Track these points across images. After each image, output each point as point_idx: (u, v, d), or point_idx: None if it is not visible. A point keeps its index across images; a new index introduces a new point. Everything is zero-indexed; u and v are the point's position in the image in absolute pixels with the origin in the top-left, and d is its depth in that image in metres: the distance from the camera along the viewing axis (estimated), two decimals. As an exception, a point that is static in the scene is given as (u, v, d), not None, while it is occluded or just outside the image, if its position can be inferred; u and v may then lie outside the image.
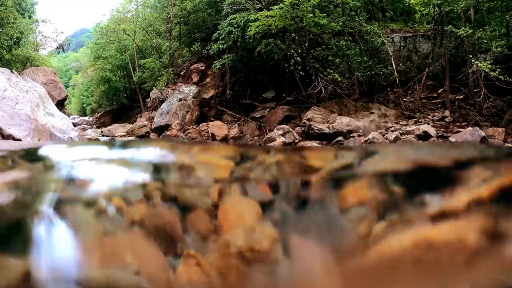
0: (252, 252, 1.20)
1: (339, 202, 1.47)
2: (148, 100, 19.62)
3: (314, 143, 11.14)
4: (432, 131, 10.71)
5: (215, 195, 1.53)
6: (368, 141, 10.56)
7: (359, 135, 11.19)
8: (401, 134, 10.96)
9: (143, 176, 2.00)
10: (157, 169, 2.12)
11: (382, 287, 1.08)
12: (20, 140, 8.85)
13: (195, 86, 17.13)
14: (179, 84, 17.59)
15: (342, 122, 11.83)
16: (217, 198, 1.50)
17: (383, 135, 11.08)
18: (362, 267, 1.17)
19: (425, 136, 10.50)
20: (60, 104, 17.52)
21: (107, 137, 15.02)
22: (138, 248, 1.23)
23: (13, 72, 11.58)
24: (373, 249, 1.23)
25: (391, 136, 10.85)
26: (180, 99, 16.24)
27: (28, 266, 1.07)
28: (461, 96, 12.74)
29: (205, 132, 14.13)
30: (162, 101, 17.20)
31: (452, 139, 10.16)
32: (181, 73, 18.55)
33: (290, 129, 12.27)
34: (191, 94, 16.54)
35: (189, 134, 13.73)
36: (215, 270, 1.15)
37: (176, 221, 1.34)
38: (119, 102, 27.80)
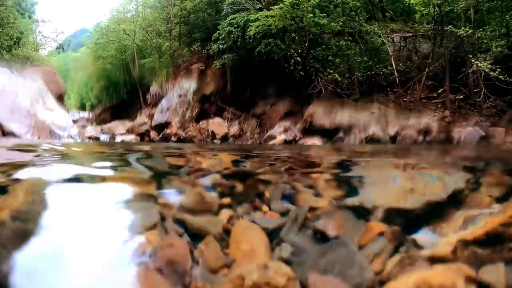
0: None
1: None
2: (148, 95, 19.54)
3: (315, 141, 11.13)
4: (433, 125, 10.64)
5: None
6: (369, 137, 10.55)
7: (359, 131, 11.17)
8: (401, 129, 10.90)
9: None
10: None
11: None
12: (20, 136, 8.85)
13: (195, 81, 17.01)
14: (179, 79, 17.50)
15: (343, 118, 11.80)
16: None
17: (383, 131, 11.06)
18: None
19: (425, 131, 10.46)
20: (59, 101, 17.48)
21: (107, 135, 14.99)
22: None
23: (13, 72, 11.58)
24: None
25: (392, 131, 10.81)
26: (180, 96, 16.17)
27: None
28: (461, 96, 12.74)
29: (205, 130, 14.10)
30: (162, 97, 17.12)
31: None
32: (181, 73, 18.53)
33: (291, 126, 12.26)
34: (191, 89, 16.44)
35: (189, 133, 13.71)
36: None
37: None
38: (119, 97, 27.65)
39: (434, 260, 1.27)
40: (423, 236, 1.52)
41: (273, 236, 1.48)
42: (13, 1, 22.39)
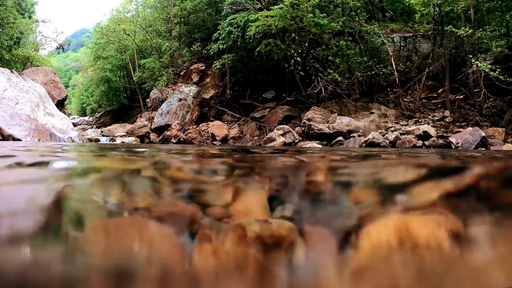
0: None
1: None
2: (148, 100, 19.62)
3: (314, 144, 11.13)
4: (432, 131, 10.71)
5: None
6: (368, 141, 10.56)
7: (359, 135, 11.19)
8: (401, 134, 10.96)
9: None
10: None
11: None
12: (20, 140, 8.87)
13: (195, 86, 17.13)
14: (179, 84, 17.59)
15: (342, 122, 11.83)
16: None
17: (383, 135, 11.08)
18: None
19: (425, 136, 10.51)
20: (60, 104, 17.51)
21: (107, 137, 15.01)
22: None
23: (13, 72, 11.59)
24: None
25: (391, 136, 10.85)
26: (180, 99, 16.24)
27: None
28: (461, 96, 12.74)
29: (205, 132, 14.12)
30: (162, 101, 17.20)
31: (452, 139, 10.15)
32: (181, 73, 18.55)
33: (290, 129, 12.27)
34: (191, 94, 16.54)
35: (189, 134, 13.72)
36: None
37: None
38: (119, 102, 27.82)
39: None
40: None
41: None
42: (13, 1, 22.41)
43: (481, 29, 11.74)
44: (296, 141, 11.82)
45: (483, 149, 9.37)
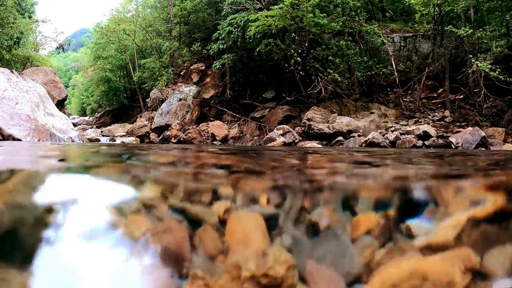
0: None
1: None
2: (148, 100, 19.63)
3: (314, 143, 11.14)
4: (432, 131, 10.71)
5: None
6: (368, 141, 10.56)
7: (359, 135, 11.19)
8: (401, 134, 10.96)
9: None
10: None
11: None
12: (20, 140, 8.87)
13: (195, 86, 17.13)
14: (179, 84, 17.60)
15: (342, 122, 11.83)
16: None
17: (383, 135, 11.08)
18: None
19: (425, 136, 10.51)
20: (60, 104, 17.50)
21: (107, 137, 15.00)
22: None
23: (13, 72, 11.59)
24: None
25: (391, 136, 10.85)
26: (180, 99, 16.25)
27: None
28: (461, 96, 12.75)
29: (205, 132, 14.12)
30: (162, 101, 17.20)
31: (452, 139, 10.15)
32: (181, 73, 18.55)
33: (290, 129, 12.27)
34: (191, 94, 16.54)
35: (189, 134, 13.72)
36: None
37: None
38: (119, 102, 27.83)
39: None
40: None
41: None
42: (13, 1, 22.40)
43: (481, 29, 11.75)
44: (296, 141, 11.82)
45: (483, 149, 9.37)
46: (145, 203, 1.28)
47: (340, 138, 11.39)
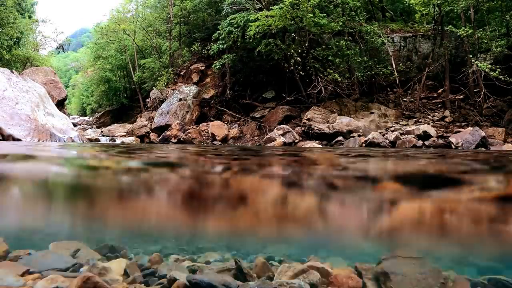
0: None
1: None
2: (148, 100, 19.62)
3: (314, 143, 11.13)
4: (432, 131, 10.71)
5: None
6: (368, 141, 10.56)
7: (359, 135, 11.18)
8: (401, 134, 10.96)
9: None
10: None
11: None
12: (20, 140, 8.87)
13: (195, 86, 17.13)
14: (179, 84, 17.59)
15: (342, 122, 11.83)
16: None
17: (383, 135, 11.08)
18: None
19: (425, 136, 10.51)
20: (60, 104, 17.50)
21: (107, 137, 15.00)
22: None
23: (13, 72, 11.59)
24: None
25: (391, 136, 10.85)
26: (180, 99, 16.24)
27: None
28: (461, 96, 12.75)
29: (205, 132, 14.12)
30: (162, 101, 17.20)
31: (452, 139, 10.15)
32: (181, 73, 18.54)
33: (290, 129, 12.27)
34: (191, 94, 16.54)
35: (189, 134, 13.71)
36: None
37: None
38: (119, 102, 27.81)
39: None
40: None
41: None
42: (13, 1, 22.40)
43: (481, 29, 11.75)
44: (296, 141, 11.82)
45: (483, 149, 9.37)
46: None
47: (340, 138, 11.39)
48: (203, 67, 18.04)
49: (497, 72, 10.52)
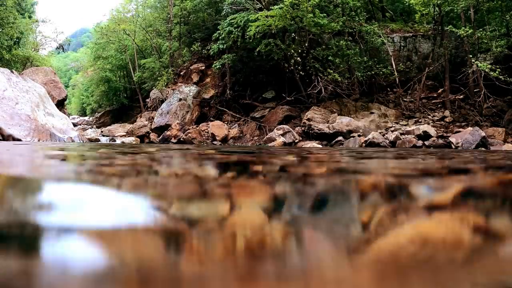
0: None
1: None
2: (148, 100, 19.63)
3: (314, 143, 11.13)
4: (432, 131, 10.71)
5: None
6: (368, 141, 10.56)
7: (359, 135, 11.19)
8: (401, 134, 10.96)
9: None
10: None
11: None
12: (20, 140, 8.88)
13: (195, 86, 17.13)
14: (179, 84, 17.60)
15: (342, 122, 11.83)
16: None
17: (383, 135, 11.08)
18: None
19: (425, 136, 10.51)
20: (60, 104, 17.51)
21: (107, 137, 15.00)
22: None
23: (13, 72, 11.60)
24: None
25: (391, 136, 10.85)
26: (180, 99, 16.25)
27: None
28: (461, 96, 12.75)
29: (205, 132, 14.13)
30: (162, 101, 17.21)
31: (452, 139, 10.15)
32: (181, 73, 18.55)
33: (290, 129, 12.27)
34: (191, 94, 16.55)
35: (189, 134, 13.72)
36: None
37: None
38: (119, 102, 27.85)
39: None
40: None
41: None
42: (13, 1, 22.42)
43: (481, 29, 11.75)
44: (296, 141, 11.82)
45: (483, 149, 9.37)
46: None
47: (340, 138, 11.39)
48: (203, 67, 18.05)
49: (497, 72, 10.53)
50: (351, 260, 0.73)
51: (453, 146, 9.87)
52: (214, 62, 15.83)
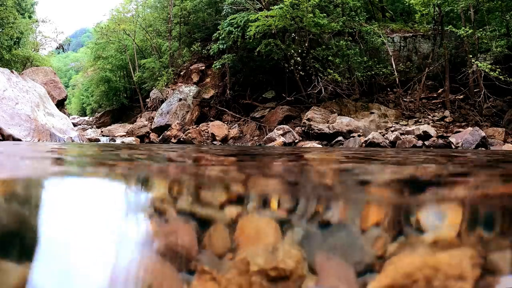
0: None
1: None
2: (148, 100, 19.63)
3: (314, 144, 11.13)
4: (432, 131, 10.71)
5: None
6: (368, 141, 10.56)
7: (359, 135, 11.19)
8: (401, 134, 10.96)
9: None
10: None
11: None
12: (20, 140, 8.88)
13: (195, 86, 17.13)
14: (179, 84, 17.60)
15: (342, 122, 11.83)
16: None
17: (383, 135, 11.08)
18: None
19: (425, 136, 10.51)
20: (60, 104, 17.51)
21: (107, 137, 15.01)
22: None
23: (13, 72, 11.60)
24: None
25: (391, 136, 10.85)
26: (180, 99, 16.25)
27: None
28: (461, 96, 12.75)
29: (205, 132, 14.13)
30: (162, 101, 17.21)
31: (452, 139, 10.15)
32: (181, 73, 18.55)
33: (290, 129, 12.27)
34: (191, 94, 16.54)
35: (189, 134, 13.72)
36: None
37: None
38: (119, 102, 27.85)
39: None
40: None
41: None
42: (13, 1, 22.42)
43: (481, 29, 11.75)
44: (296, 141, 11.82)
45: (483, 149, 9.38)
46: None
47: (340, 138, 11.39)
48: (203, 67, 18.05)
49: (497, 72, 10.53)
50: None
51: (453, 146, 9.87)
52: (214, 62, 15.83)
